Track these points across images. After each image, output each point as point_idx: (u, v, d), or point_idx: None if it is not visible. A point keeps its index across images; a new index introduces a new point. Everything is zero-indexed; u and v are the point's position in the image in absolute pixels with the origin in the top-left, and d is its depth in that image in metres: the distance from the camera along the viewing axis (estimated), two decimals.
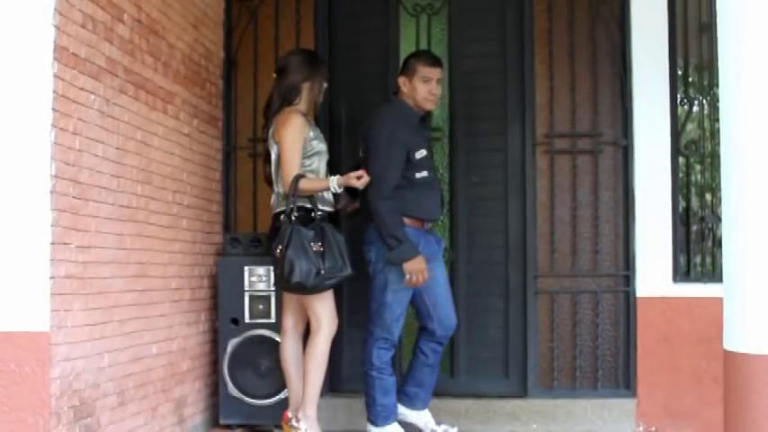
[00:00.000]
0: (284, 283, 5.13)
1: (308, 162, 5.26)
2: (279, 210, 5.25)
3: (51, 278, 4.02)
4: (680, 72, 6.14)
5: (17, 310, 3.98)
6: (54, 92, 4.04)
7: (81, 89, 4.29)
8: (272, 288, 5.76)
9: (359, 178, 5.11)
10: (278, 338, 5.58)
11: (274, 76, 5.48)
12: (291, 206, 5.11)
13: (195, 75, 5.81)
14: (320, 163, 5.33)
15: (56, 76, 4.05)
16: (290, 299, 5.40)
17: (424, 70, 5.46)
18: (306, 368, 5.28)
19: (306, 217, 5.16)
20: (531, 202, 6.15)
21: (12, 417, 3.94)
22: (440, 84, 5.57)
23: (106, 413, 4.55)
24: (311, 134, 5.26)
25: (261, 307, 5.80)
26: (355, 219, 5.60)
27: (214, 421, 5.93)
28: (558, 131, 6.22)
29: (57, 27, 4.06)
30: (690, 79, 6.22)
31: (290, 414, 5.39)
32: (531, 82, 6.21)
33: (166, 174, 5.34)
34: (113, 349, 4.64)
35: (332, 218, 5.33)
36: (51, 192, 4.02)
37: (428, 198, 5.50)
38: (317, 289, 5.13)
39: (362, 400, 5.69)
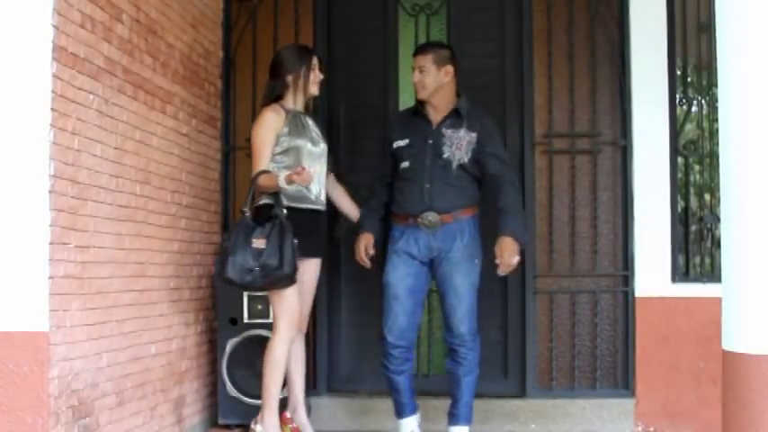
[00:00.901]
0: (217, 277, 5.15)
1: (279, 159, 5.23)
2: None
3: (50, 278, 4.02)
4: (679, 72, 6.14)
5: (16, 309, 3.97)
6: (53, 91, 4.04)
7: (80, 89, 4.29)
8: None
9: (298, 174, 5.02)
10: None
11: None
12: (247, 200, 5.12)
13: (194, 75, 5.81)
14: (300, 159, 5.21)
15: (54, 76, 4.05)
16: None
17: (412, 60, 5.52)
18: (263, 370, 5.22)
19: (265, 213, 5.11)
20: (529, 202, 6.14)
21: (10, 417, 3.94)
22: (424, 72, 5.42)
23: (105, 413, 4.55)
24: (284, 129, 5.23)
25: (259, 307, 5.79)
26: None
27: (213, 421, 5.93)
28: (556, 131, 6.23)
29: (55, 27, 4.06)
30: (689, 79, 6.22)
31: (288, 414, 5.39)
32: (529, 82, 6.21)
33: (165, 174, 5.34)
34: (112, 349, 4.64)
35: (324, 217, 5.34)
36: (50, 191, 4.02)
37: (407, 191, 5.42)
38: (251, 286, 5.15)
39: (361, 399, 5.70)
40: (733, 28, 3.56)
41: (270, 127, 5.22)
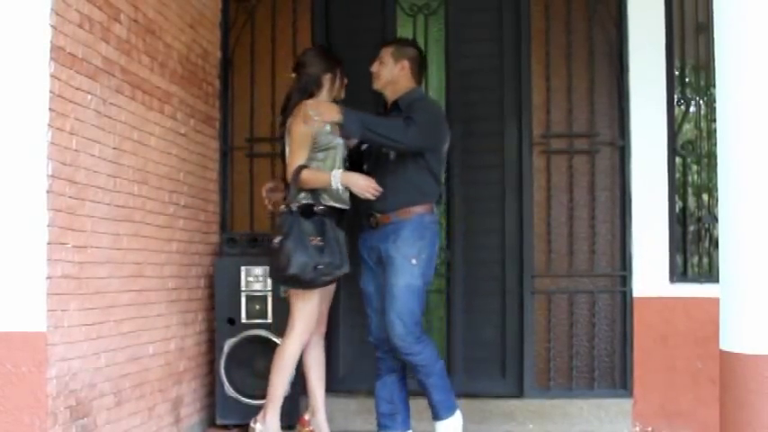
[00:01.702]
0: (279, 276, 5.05)
1: (321, 156, 5.17)
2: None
3: (48, 278, 4.01)
4: (677, 72, 6.15)
5: (14, 310, 3.97)
6: (51, 92, 4.04)
7: (78, 89, 4.29)
8: (269, 288, 5.75)
9: (374, 188, 5.04)
10: (275, 339, 5.58)
11: (292, 75, 5.40)
12: (292, 197, 5.04)
13: (192, 75, 5.80)
14: (336, 158, 5.20)
15: (52, 76, 4.05)
16: None
17: None
18: (271, 370, 5.19)
19: (307, 210, 5.06)
20: (527, 202, 6.15)
21: (8, 417, 3.94)
22: (382, 64, 5.36)
23: (103, 413, 4.55)
24: (327, 127, 5.13)
25: (257, 307, 5.80)
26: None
27: (210, 421, 5.93)
28: (554, 132, 6.23)
29: (53, 27, 4.06)
30: (687, 79, 6.22)
31: (307, 417, 5.38)
32: (527, 82, 6.21)
33: (163, 174, 5.34)
34: (110, 349, 4.64)
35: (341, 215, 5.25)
36: (48, 191, 4.01)
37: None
38: (312, 284, 5.03)
39: (358, 400, 5.69)
40: (731, 28, 3.56)
41: (306, 128, 5.12)
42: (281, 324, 5.42)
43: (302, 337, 5.16)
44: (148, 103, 5.13)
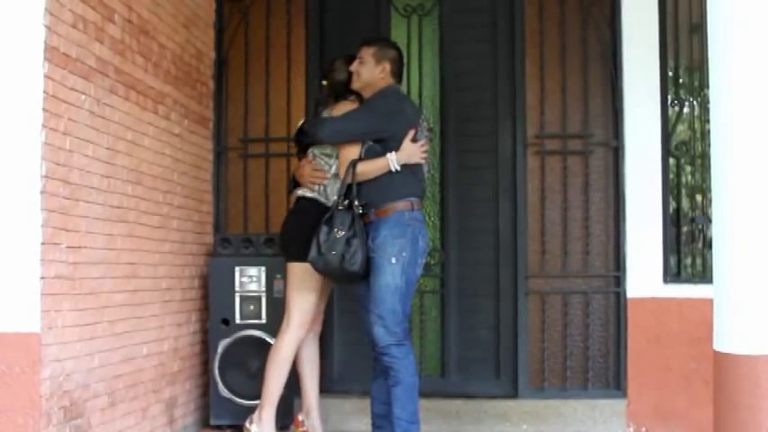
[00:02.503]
0: (340, 269, 4.90)
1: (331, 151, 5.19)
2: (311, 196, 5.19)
3: (41, 278, 4.01)
4: (670, 73, 6.15)
5: (7, 310, 3.97)
6: (44, 92, 4.03)
7: (71, 89, 4.28)
8: (263, 289, 5.75)
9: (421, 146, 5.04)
10: (269, 339, 5.57)
11: (324, 82, 5.43)
12: (345, 193, 4.96)
13: (186, 75, 5.80)
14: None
15: (46, 77, 4.05)
16: None
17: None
18: (266, 368, 5.17)
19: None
20: (521, 203, 6.16)
21: (2, 417, 3.93)
22: (362, 63, 5.25)
23: (96, 414, 4.55)
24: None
25: (251, 308, 5.80)
26: None
27: (204, 422, 5.92)
28: (548, 132, 6.23)
29: (47, 27, 4.05)
30: (680, 80, 6.23)
31: (300, 417, 5.37)
32: (521, 83, 6.22)
33: (157, 174, 5.33)
34: (104, 350, 4.63)
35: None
36: (41, 192, 4.01)
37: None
38: (357, 280, 5.01)
39: (352, 400, 5.68)
40: (725, 29, 3.57)
41: None
42: (275, 324, 5.42)
43: (298, 333, 5.14)
44: (142, 103, 5.12)
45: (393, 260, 4.97)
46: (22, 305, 3.98)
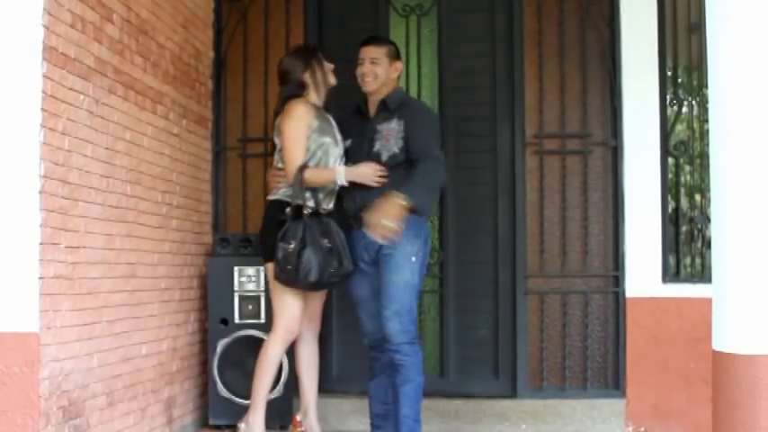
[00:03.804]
0: (296, 281, 4.95)
1: (311, 158, 5.10)
2: (275, 198, 5.14)
3: (40, 278, 4.01)
4: (669, 73, 6.15)
5: (6, 310, 3.96)
6: (43, 92, 4.03)
7: (70, 89, 4.28)
8: (262, 288, 5.75)
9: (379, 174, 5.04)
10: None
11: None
12: (299, 200, 4.97)
13: (185, 75, 5.80)
14: (327, 158, 5.11)
15: (45, 77, 4.04)
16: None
17: (359, 52, 5.30)
18: (254, 370, 5.17)
19: (312, 211, 5.02)
20: (520, 203, 6.16)
21: (0, 417, 3.93)
22: (377, 63, 5.22)
23: (95, 414, 4.54)
24: (315, 123, 5.09)
25: (250, 307, 5.80)
26: None
27: (203, 422, 5.92)
28: (547, 132, 6.23)
29: (46, 27, 4.05)
30: (679, 80, 6.23)
31: (298, 417, 5.36)
32: (520, 82, 6.22)
33: (156, 174, 5.33)
34: (103, 350, 4.63)
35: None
36: (40, 192, 4.01)
37: (347, 192, 5.17)
38: (323, 286, 5.09)
39: (351, 400, 5.68)
40: (723, 29, 3.57)
41: (303, 119, 5.08)
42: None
43: (285, 338, 5.14)
44: (141, 103, 5.12)
45: (413, 258, 5.06)
46: (21, 305, 3.97)
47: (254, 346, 5.65)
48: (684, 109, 6.22)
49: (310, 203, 5.02)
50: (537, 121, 6.24)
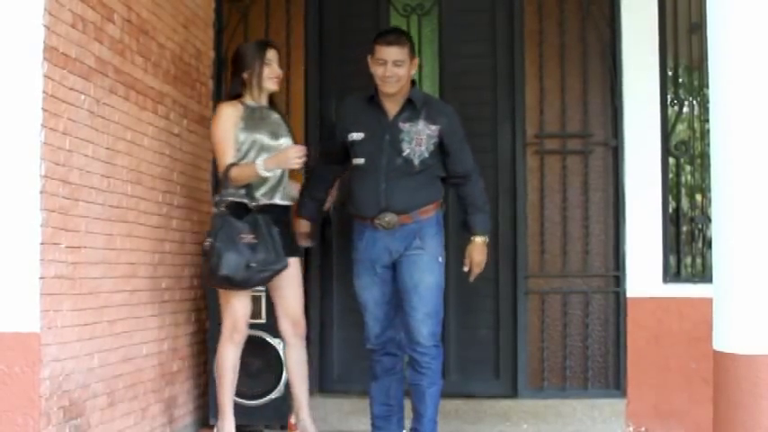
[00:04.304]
0: (211, 278, 5.00)
1: (236, 155, 5.08)
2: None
3: (41, 278, 4.00)
4: (670, 73, 6.15)
5: (7, 310, 3.96)
6: (44, 92, 4.03)
7: (71, 89, 4.28)
8: (263, 288, 5.73)
9: (284, 154, 4.97)
10: (269, 339, 5.57)
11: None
12: (220, 197, 5.00)
13: (185, 75, 5.80)
14: (261, 154, 5.07)
15: (45, 77, 4.04)
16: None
17: (378, 50, 5.05)
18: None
19: (240, 208, 4.98)
20: (521, 203, 6.16)
21: (1, 417, 3.93)
22: (401, 65, 5.01)
23: (96, 414, 4.54)
24: (240, 124, 5.09)
25: (251, 307, 5.77)
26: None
27: (204, 422, 5.92)
28: (548, 132, 6.23)
29: (46, 27, 4.05)
30: (680, 80, 6.23)
31: (292, 420, 5.38)
32: (521, 82, 6.22)
33: (156, 174, 5.33)
34: (103, 350, 4.63)
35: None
36: (41, 192, 4.01)
37: (362, 192, 5.08)
38: (247, 284, 4.99)
39: (352, 400, 5.68)
40: (724, 29, 3.57)
41: (228, 121, 5.08)
42: (275, 324, 5.41)
43: (232, 338, 5.13)
44: (142, 103, 5.12)
45: (440, 259, 5.09)
46: (22, 305, 3.97)
47: (255, 346, 5.65)
48: (685, 109, 6.22)
49: (245, 200, 5.00)
50: (537, 121, 6.24)
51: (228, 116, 5.10)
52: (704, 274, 5.93)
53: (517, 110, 6.19)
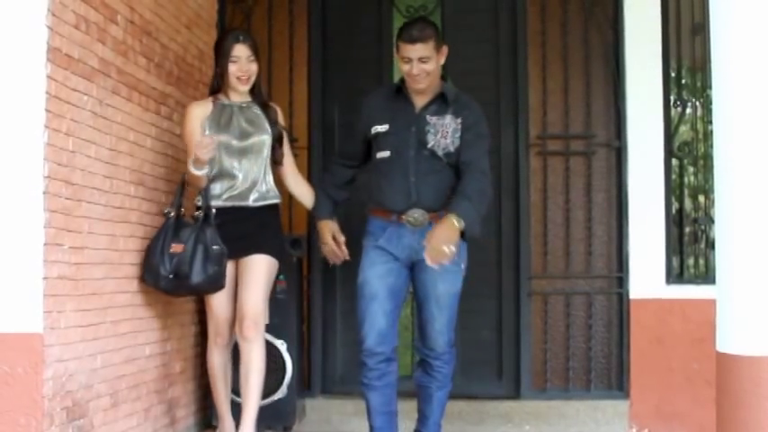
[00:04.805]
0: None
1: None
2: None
3: (44, 279, 4.01)
4: (673, 74, 6.15)
5: (10, 311, 3.97)
6: (47, 93, 4.03)
7: (74, 90, 4.28)
8: None
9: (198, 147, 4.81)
10: (273, 340, 5.57)
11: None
12: (174, 200, 5.01)
13: (188, 76, 5.80)
14: (223, 155, 5.00)
15: (49, 77, 4.04)
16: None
17: (402, 48, 4.83)
18: None
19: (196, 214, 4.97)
20: (524, 204, 6.16)
21: (4, 418, 3.93)
22: (428, 62, 4.79)
23: (99, 414, 4.55)
24: (206, 123, 5.02)
25: None
26: None
27: (207, 422, 5.92)
28: (551, 133, 6.23)
29: (50, 28, 4.05)
30: (683, 81, 6.23)
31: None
32: (524, 83, 6.22)
33: (159, 175, 5.33)
34: (106, 350, 4.63)
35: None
36: (44, 193, 4.01)
37: (389, 186, 4.85)
38: (172, 292, 5.00)
39: (355, 401, 5.69)
40: (727, 30, 3.56)
41: (191, 122, 5.02)
42: (278, 325, 5.42)
43: (215, 342, 5.19)
44: (145, 104, 5.12)
45: (463, 265, 4.90)
46: (25, 306, 3.97)
47: None
48: (688, 110, 6.21)
49: (199, 203, 5.00)
50: (540, 122, 6.24)
51: (193, 117, 5.05)
52: (707, 276, 5.93)
53: (520, 111, 6.19)
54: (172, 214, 4.96)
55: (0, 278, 3.97)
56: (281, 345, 5.66)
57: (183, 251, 4.84)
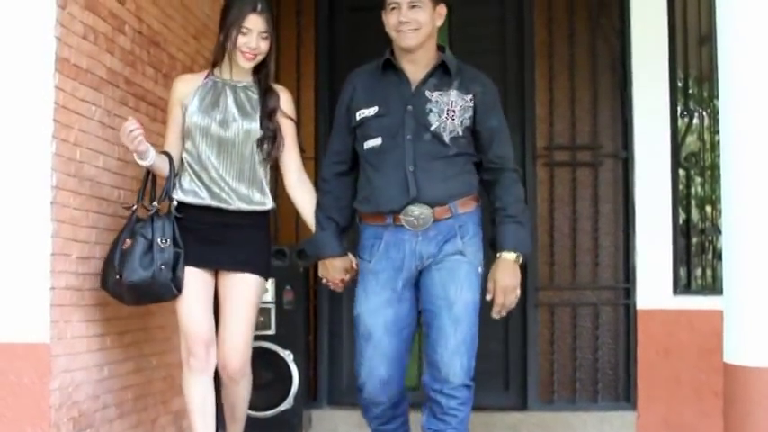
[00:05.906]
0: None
1: (185, 142, 4.31)
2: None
3: (51, 289, 4.01)
4: (680, 84, 6.15)
5: (17, 320, 3.97)
6: (55, 103, 4.04)
7: (82, 100, 4.29)
8: (273, 300, 5.74)
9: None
10: (279, 351, 5.57)
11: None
12: (139, 192, 4.37)
13: None
14: (195, 143, 4.24)
15: (57, 88, 4.06)
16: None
17: None
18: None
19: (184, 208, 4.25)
20: (531, 215, 6.14)
21: (11, 428, 3.93)
22: (418, 8, 3.94)
23: (105, 425, 4.55)
24: (192, 100, 4.27)
25: (261, 319, 5.74)
26: None
27: None
28: (557, 144, 6.24)
29: (58, 38, 4.06)
30: (690, 91, 6.23)
31: None
32: (530, 94, 6.23)
33: None
34: (113, 361, 4.63)
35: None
36: (52, 203, 4.02)
37: (381, 180, 3.94)
38: (124, 299, 4.29)
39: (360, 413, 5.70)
40: (734, 40, 3.57)
41: (171, 100, 4.38)
42: (285, 336, 5.42)
43: (188, 365, 4.29)
44: (152, 114, 5.13)
45: (480, 270, 3.98)
46: (32, 316, 3.98)
47: (264, 357, 5.67)
48: (695, 120, 6.21)
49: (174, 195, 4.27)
50: (547, 133, 6.25)
51: (174, 93, 4.36)
52: (714, 286, 5.92)
53: (527, 122, 6.20)
54: (134, 207, 4.28)
55: (7, 288, 3.98)
56: (288, 355, 5.66)
57: (130, 246, 4.15)
